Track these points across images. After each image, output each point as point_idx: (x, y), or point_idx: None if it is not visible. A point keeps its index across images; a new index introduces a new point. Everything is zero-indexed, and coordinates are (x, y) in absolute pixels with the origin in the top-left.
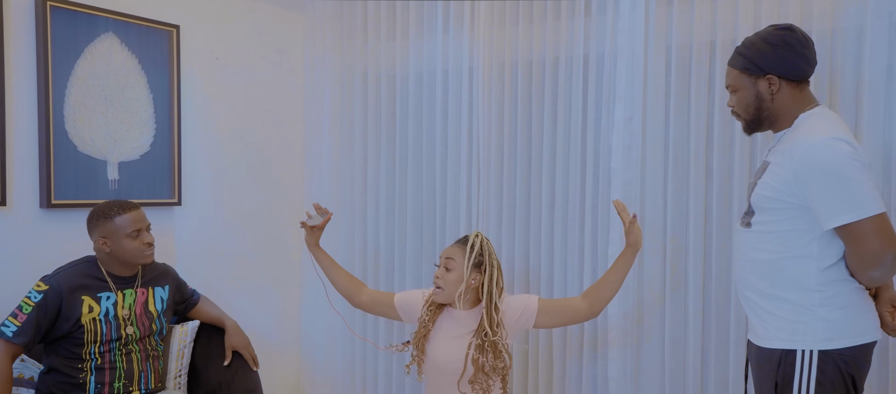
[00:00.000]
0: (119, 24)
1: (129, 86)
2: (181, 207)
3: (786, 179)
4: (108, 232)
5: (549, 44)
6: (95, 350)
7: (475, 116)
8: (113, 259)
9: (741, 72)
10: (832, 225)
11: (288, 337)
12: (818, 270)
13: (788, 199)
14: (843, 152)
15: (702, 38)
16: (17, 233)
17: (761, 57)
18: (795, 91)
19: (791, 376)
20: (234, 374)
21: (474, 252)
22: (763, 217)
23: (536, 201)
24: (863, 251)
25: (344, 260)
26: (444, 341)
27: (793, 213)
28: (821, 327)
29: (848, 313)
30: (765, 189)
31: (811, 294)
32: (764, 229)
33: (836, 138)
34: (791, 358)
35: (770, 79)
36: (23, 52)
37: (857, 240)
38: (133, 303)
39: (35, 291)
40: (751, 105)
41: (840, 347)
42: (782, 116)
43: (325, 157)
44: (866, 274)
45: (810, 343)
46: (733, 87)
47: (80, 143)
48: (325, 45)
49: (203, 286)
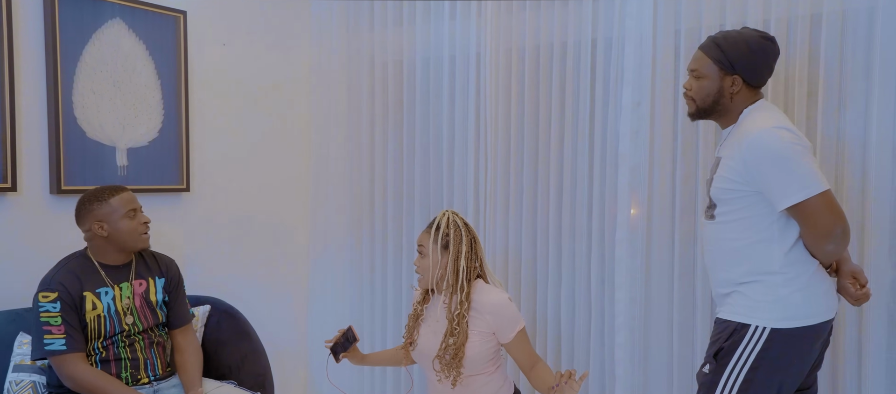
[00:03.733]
0: (126, 9)
1: (137, 72)
2: (190, 193)
3: (737, 169)
4: (104, 215)
5: (557, 28)
6: (99, 345)
7: (482, 102)
8: (108, 244)
9: (713, 62)
10: (784, 206)
11: (295, 321)
12: (781, 253)
13: (743, 187)
14: (785, 139)
15: (711, 21)
16: (27, 218)
17: (738, 57)
18: (750, 93)
19: (736, 346)
20: (245, 358)
21: (440, 233)
22: (724, 208)
23: (544, 186)
24: (815, 228)
25: (350, 249)
26: (427, 326)
27: (750, 200)
28: (780, 306)
29: (806, 295)
30: (721, 182)
31: (775, 276)
32: (727, 219)
33: (777, 127)
34: (743, 331)
35: (735, 79)
36: (31, 38)
37: (809, 217)
38: (131, 295)
39: (47, 302)
40: (710, 96)
41: (793, 326)
42: (731, 113)
43: (333, 142)
44: (821, 249)
45: (766, 321)
46: (698, 74)
47: (89, 129)
48: (332, 30)
49: (211, 270)
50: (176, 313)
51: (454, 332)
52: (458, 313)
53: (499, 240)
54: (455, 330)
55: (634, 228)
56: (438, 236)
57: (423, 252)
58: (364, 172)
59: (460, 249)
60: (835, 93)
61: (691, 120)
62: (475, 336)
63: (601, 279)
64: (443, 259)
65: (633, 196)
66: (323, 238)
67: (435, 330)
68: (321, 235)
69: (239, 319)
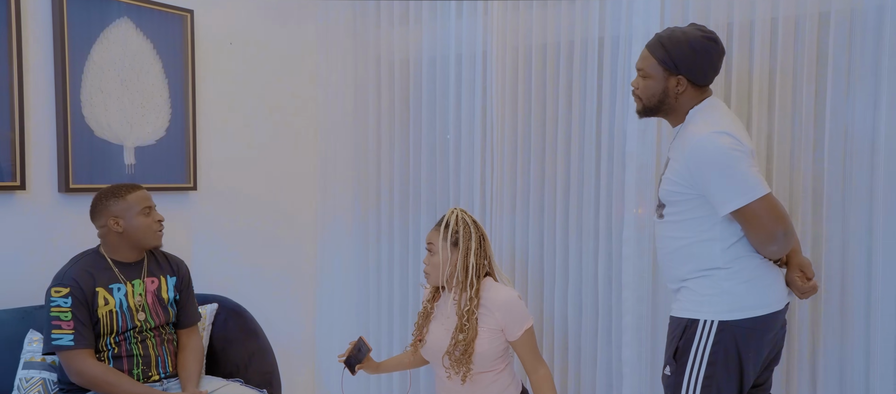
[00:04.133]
0: (133, 8)
1: (145, 71)
2: (197, 191)
3: (682, 173)
4: (120, 211)
5: (564, 27)
6: (111, 341)
7: (489, 101)
8: (122, 241)
9: (658, 62)
10: (725, 211)
11: (302, 319)
12: (722, 250)
13: (687, 190)
14: (725, 145)
15: (719, 19)
16: (36, 217)
17: (682, 58)
18: (697, 92)
19: (690, 342)
20: (252, 356)
21: (450, 230)
22: (671, 208)
23: (551, 185)
24: (757, 230)
25: (358, 248)
26: (437, 323)
27: (694, 203)
28: (725, 300)
29: (751, 287)
30: (668, 184)
31: (718, 270)
32: (673, 219)
33: (718, 132)
34: (694, 326)
35: (680, 79)
36: (40, 37)
37: (750, 221)
38: (143, 292)
39: (59, 297)
40: (655, 95)
41: (739, 317)
42: (678, 111)
43: (339, 141)
44: (765, 249)
45: (712, 314)
46: (645, 73)
47: (97, 127)
48: (339, 29)
49: (218, 269)
50: (185, 313)
51: (464, 328)
52: (467, 309)
53: (505, 239)
54: (465, 327)
55: (641, 227)
56: (448, 233)
57: (433, 250)
58: (370, 170)
59: (469, 245)
60: (842, 90)
61: (639, 117)
62: (484, 333)
63: (608, 278)
64: (452, 256)
65: (640, 195)
66: (330, 236)
67: (445, 327)
68: (329, 232)
69: (246, 317)
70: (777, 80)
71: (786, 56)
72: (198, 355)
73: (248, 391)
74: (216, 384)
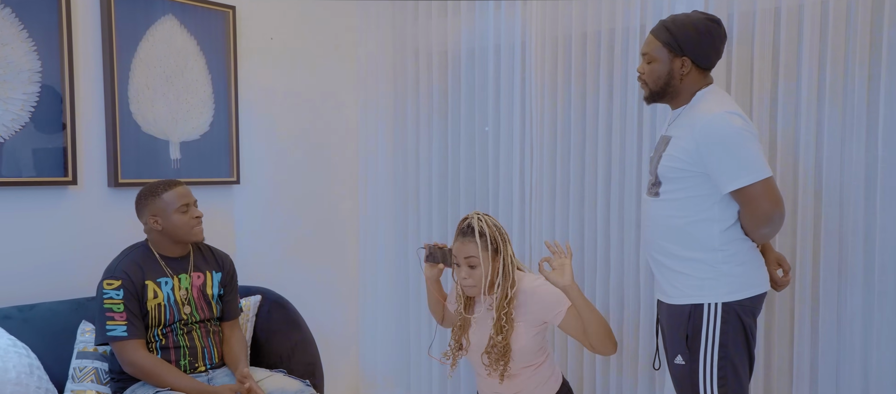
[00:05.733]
0: (177, 6)
1: (189, 67)
2: (240, 185)
3: (688, 150)
4: (158, 209)
5: (604, 15)
6: (159, 332)
7: (528, 92)
8: (165, 237)
9: (663, 45)
10: (729, 189)
11: (344, 310)
12: (720, 231)
13: (691, 167)
14: (736, 125)
15: (766, 4)
16: (87, 211)
17: (686, 39)
18: (700, 76)
19: (699, 327)
20: (295, 347)
21: (488, 240)
22: (669, 186)
23: (591, 176)
24: (755, 211)
25: (397, 240)
26: (479, 327)
27: (696, 181)
28: (724, 282)
29: (746, 269)
30: (669, 161)
31: (715, 253)
32: (671, 197)
33: (729, 113)
34: (699, 311)
35: (684, 61)
36: (89, 36)
37: (750, 201)
38: (189, 287)
39: (111, 290)
40: (661, 78)
41: (740, 298)
42: (683, 95)
43: (379, 135)
44: (758, 231)
45: (715, 297)
46: (650, 58)
47: (144, 123)
48: (378, 23)
49: (261, 261)
50: (227, 307)
51: (502, 329)
52: (505, 311)
53: (545, 231)
54: (503, 328)
55: None
56: (487, 243)
57: (476, 263)
58: (409, 163)
59: (507, 248)
60: None
61: (647, 103)
62: (521, 327)
63: (650, 269)
64: (494, 264)
65: None
66: (371, 227)
67: (483, 328)
68: (369, 224)
69: (289, 309)
70: (827, 66)
71: (837, 41)
72: (242, 344)
73: (292, 382)
74: (260, 375)
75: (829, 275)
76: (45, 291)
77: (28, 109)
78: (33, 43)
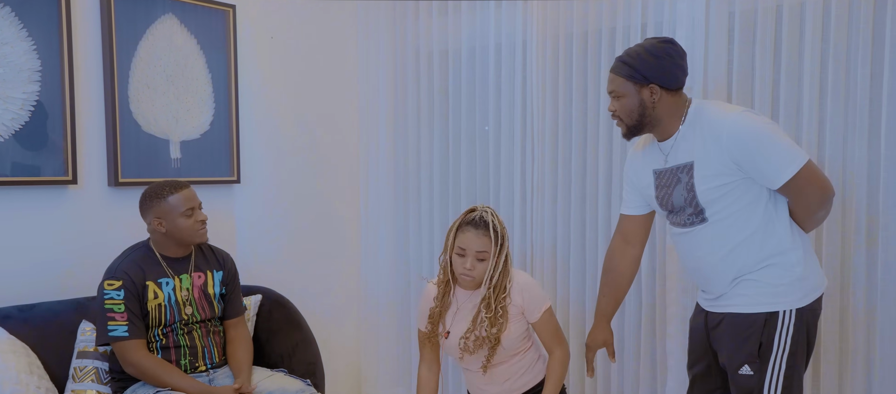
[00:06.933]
0: (177, 5)
1: (189, 66)
2: (240, 184)
3: (722, 161)
4: (162, 212)
5: (606, 13)
6: (159, 332)
7: (529, 91)
8: (168, 239)
9: (626, 79)
10: (781, 183)
11: (346, 313)
12: (785, 228)
13: (731, 178)
14: (758, 121)
15: (767, 3)
16: (87, 210)
17: (645, 67)
18: (674, 98)
19: (772, 338)
20: (296, 347)
21: (498, 234)
22: (716, 207)
23: (592, 176)
24: (808, 197)
25: (397, 241)
26: (458, 317)
27: (741, 190)
28: (798, 287)
29: (811, 270)
30: (706, 182)
31: (788, 254)
32: (722, 215)
33: (744, 112)
34: (774, 319)
35: (652, 88)
36: (89, 35)
37: (802, 189)
38: (190, 287)
39: (112, 290)
40: (634, 111)
41: (811, 301)
42: (664, 121)
43: (380, 134)
44: (814, 217)
45: (790, 303)
46: (617, 94)
47: (144, 122)
48: (378, 21)
49: (261, 260)
50: (231, 306)
51: (497, 321)
52: (502, 306)
53: (547, 231)
54: (498, 320)
55: None
56: (497, 239)
57: (485, 257)
58: (410, 162)
59: (508, 242)
60: None
61: (626, 139)
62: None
63: (652, 269)
64: (499, 258)
65: None
66: (372, 226)
67: (464, 318)
68: (370, 223)
69: (290, 308)
70: (830, 64)
71: (839, 39)
72: (246, 346)
73: (293, 381)
74: (261, 375)
75: (832, 274)
76: (45, 290)
77: (28, 108)
78: (33, 42)
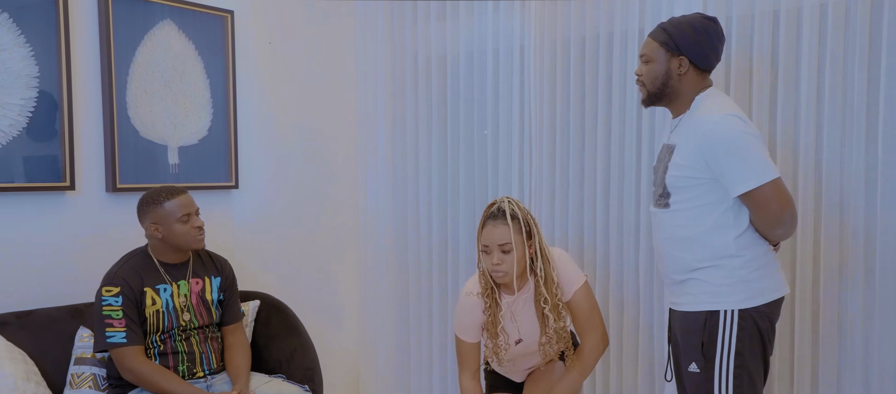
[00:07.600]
0: (175, 10)
1: (187, 72)
2: (238, 190)
3: (693, 156)
4: (159, 218)
5: (603, 18)
6: (157, 338)
7: (527, 95)
8: (165, 245)
9: (660, 45)
10: (739, 192)
11: (344, 318)
12: (735, 237)
13: (698, 174)
14: (738, 127)
15: (764, 7)
16: (85, 216)
17: (682, 37)
18: (698, 77)
19: (715, 335)
20: (294, 352)
21: (521, 222)
22: (679, 196)
23: (590, 181)
24: (766, 213)
25: (396, 244)
26: (512, 328)
27: (705, 188)
28: (741, 288)
29: (762, 274)
30: (676, 170)
31: (732, 259)
32: (682, 207)
33: (731, 115)
34: (715, 318)
35: (682, 60)
36: (87, 41)
37: (760, 204)
38: (188, 293)
39: (110, 296)
40: (658, 78)
41: (757, 304)
42: (682, 97)
43: (378, 139)
44: (772, 233)
45: (732, 303)
46: (647, 58)
47: (142, 128)
48: (376, 26)
49: (260, 266)
50: (228, 312)
51: (560, 314)
52: (558, 297)
53: (545, 234)
54: (561, 312)
55: None
56: (520, 226)
57: (509, 248)
58: (408, 167)
59: (538, 228)
60: None
61: (644, 106)
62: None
63: (650, 273)
64: (528, 248)
65: None
66: (370, 232)
67: (520, 327)
68: (369, 229)
69: (288, 314)
70: (827, 67)
71: (835, 43)
72: (245, 352)
73: (291, 387)
74: (259, 380)
75: (830, 277)
76: (43, 296)
77: (25, 114)
78: (31, 48)
